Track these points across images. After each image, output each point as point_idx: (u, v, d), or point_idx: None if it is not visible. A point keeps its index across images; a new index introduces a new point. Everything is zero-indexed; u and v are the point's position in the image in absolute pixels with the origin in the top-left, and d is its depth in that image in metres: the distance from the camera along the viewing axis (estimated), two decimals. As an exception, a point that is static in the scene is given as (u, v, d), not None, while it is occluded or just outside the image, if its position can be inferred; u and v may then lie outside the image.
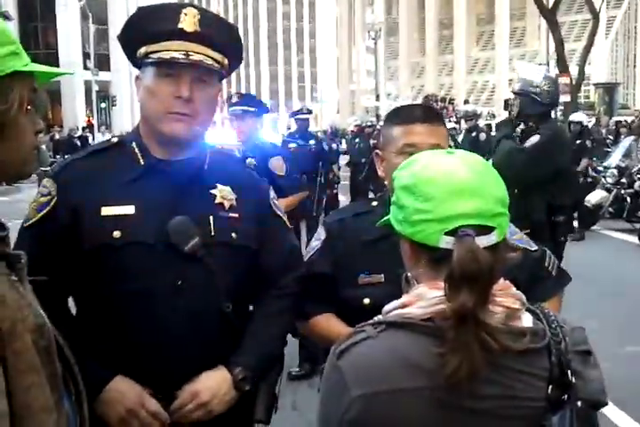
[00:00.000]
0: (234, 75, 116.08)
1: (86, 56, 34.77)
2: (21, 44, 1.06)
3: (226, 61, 1.62)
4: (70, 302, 1.67)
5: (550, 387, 1.02)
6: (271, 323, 1.72)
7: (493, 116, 25.37)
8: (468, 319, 0.97)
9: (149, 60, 1.57)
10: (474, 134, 11.14)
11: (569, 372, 1.03)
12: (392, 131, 1.78)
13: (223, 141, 12.19)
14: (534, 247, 1.88)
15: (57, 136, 21.80)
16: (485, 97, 56.44)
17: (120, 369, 1.55)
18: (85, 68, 33.74)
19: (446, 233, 1.02)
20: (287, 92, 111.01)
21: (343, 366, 1.05)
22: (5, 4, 27.24)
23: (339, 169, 10.76)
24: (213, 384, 1.58)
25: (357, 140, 12.40)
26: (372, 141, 11.68)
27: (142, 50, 1.58)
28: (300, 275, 1.80)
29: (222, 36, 1.61)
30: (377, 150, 1.88)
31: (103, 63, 34.53)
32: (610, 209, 10.07)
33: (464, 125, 12.17)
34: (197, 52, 1.54)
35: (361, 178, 11.23)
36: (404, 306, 1.06)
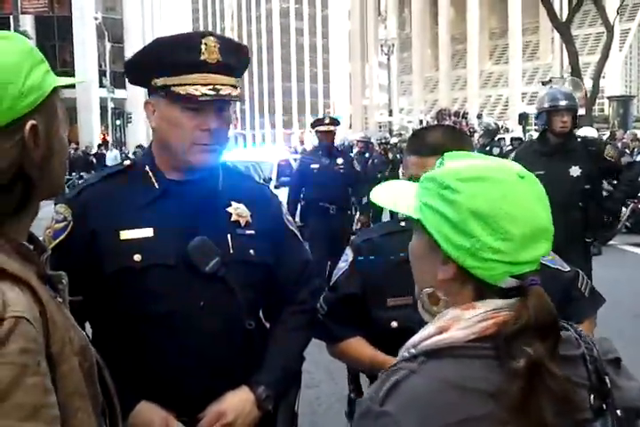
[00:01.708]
0: (247, 90, 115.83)
1: (102, 74, 35.15)
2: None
3: (239, 83, 1.62)
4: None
5: (592, 396, 0.98)
6: (290, 340, 1.73)
7: (507, 130, 25.30)
8: (542, 371, 0.91)
9: (172, 93, 1.55)
10: (487, 148, 11.07)
11: (606, 379, 0.99)
12: (408, 159, 1.81)
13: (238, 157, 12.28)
14: (567, 268, 1.87)
15: (72, 153, 21.99)
16: (499, 111, 56.38)
17: (143, 393, 1.55)
18: (101, 85, 34.14)
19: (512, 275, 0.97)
20: (300, 107, 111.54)
21: (394, 412, 0.92)
22: (23, 24, 27.62)
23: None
24: (238, 404, 1.58)
25: (367, 155, 12.29)
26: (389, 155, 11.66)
27: (160, 81, 1.57)
28: (315, 289, 1.82)
29: (240, 61, 1.63)
30: (401, 170, 1.92)
31: (119, 81, 34.84)
32: (627, 223, 10.00)
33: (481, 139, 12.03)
34: (223, 84, 1.55)
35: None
36: (440, 332, 0.98)
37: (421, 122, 33.60)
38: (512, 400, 0.89)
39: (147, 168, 1.66)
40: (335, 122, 6.82)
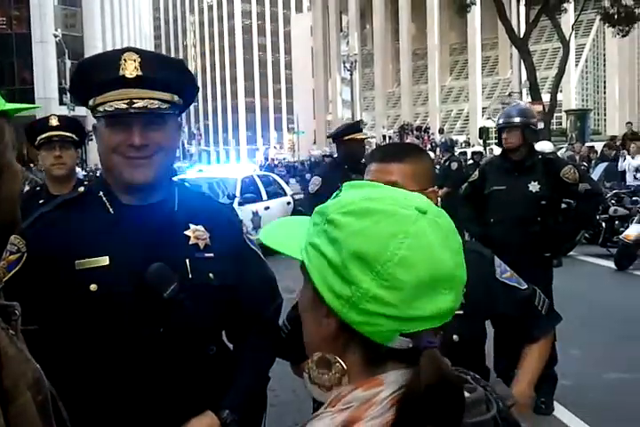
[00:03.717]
0: (210, 107, 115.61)
1: (62, 91, 34.81)
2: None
3: (176, 98, 1.58)
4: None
5: None
6: (254, 362, 1.71)
7: (468, 144, 25.68)
8: None
9: (98, 112, 1.54)
10: (446, 164, 11.25)
11: None
12: (368, 169, 1.85)
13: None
14: (524, 286, 1.89)
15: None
16: (460, 125, 57.17)
17: (106, 420, 1.53)
18: (62, 103, 33.76)
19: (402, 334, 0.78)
20: (264, 123, 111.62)
21: None
22: (-20, 41, 27.24)
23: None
24: None
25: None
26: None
27: (91, 102, 1.56)
28: (279, 307, 1.80)
29: (168, 75, 1.56)
30: None
31: (79, 98, 34.42)
32: (586, 235, 10.19)
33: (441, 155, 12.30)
34: (142, 98, 1.51)
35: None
36: (350, 423, 0.76)
37: (384, 137, 33.89)
38: None
39: (101, 194, 1.63)
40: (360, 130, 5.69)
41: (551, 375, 4.16)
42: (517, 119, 4.23)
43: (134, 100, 1.51)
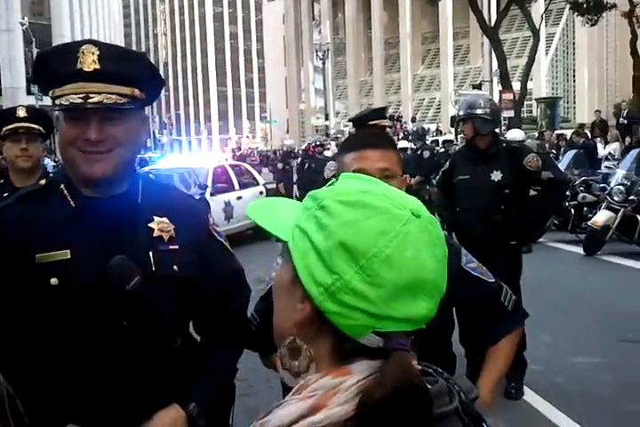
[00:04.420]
0: (181, 96, 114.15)
1: (30, 81, 34.19)
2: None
3: (137, 92, 1.55)
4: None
5: None
6: (221, 354, 1.71)
7: (440, 132, 25.81)
8: None
9: (56, 105, 1.52)
10: (419, 152, 11.31)
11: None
12: (344, 158, 1.81)
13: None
14: (491, 279, 1.87)
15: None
16: (432, 114, 57.39)
17: (71, 415, 1.51)
18: (29, 93, 33.20)
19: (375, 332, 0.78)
20: (236, 112, 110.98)
21: None
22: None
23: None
24: (169, 423, 1.55)
25: (307, 160, 12.42)
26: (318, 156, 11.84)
27: (50, 93, 1.54)
28: (246, 299, 1.79)
29: (128, 68, 1.54)
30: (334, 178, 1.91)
31: (48, 87, 33.92)
32: (555, 221, 10.33)
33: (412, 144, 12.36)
34: (99, 92, 1.49)
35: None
36: (314, 410, 0.76)
37: (357, 125, 33.87)
38: None
39: (62, 186, 1.61)
40: (384, 114, 4.89)
41: (521, 361, 4.22)
42: (469, 111, 4.33)
43: (90, 95, 1.48)
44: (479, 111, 4.30)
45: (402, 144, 12.46)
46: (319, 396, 0.77)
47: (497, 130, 4.76)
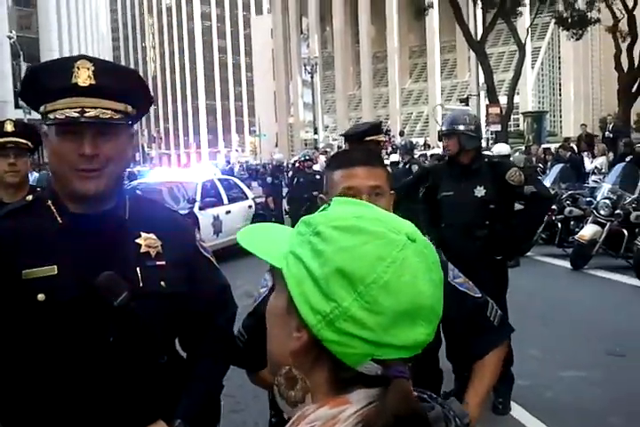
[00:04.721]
0: (170, 110, 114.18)
1: (18, 94, 34.12)
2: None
3: (130, 108, 1.57)
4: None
5: None
6: (207, 370, 1.70)
7: (429, 146, 25.93)
8: None
9: (49, 120, 1.52)
10: (407, 166, 11.35)
11: None
12: (333, 175, 1.81)
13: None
14: (478, 294, 1.88)
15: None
16: (420, 128, 57.72)
17: None
18: (17, 106, 33.12)
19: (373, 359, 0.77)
20: (225, 126, 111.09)
21: None
22: None
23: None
24: None
25: (296, 175, 12.42)
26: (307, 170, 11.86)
27: (42, 109, 1.54)
28: (233, 314, 1.79)
29: (122, 85, 1.55)
30: (321, 195, 1.91)
31: (36, 101, 33.84)
32: (542, 235, 10.38)
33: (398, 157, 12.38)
34: (94, 107, 1.50)
35: (303, 213, 11.25)
36: None
37: (346, 139, 33.97)
38: None
39: (49, 202, 1.61)
40: (380, 129, 4.76)
41: (508, 376, 4.22)
42: (454, 127, 4.31)
43: (86, 109, 1.49)
44: (463, 127, 4.30)
45: (393, 158, 12.48)
46: (316, 425, 0.75)
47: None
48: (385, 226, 0.79)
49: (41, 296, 1.50)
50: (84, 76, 1.50)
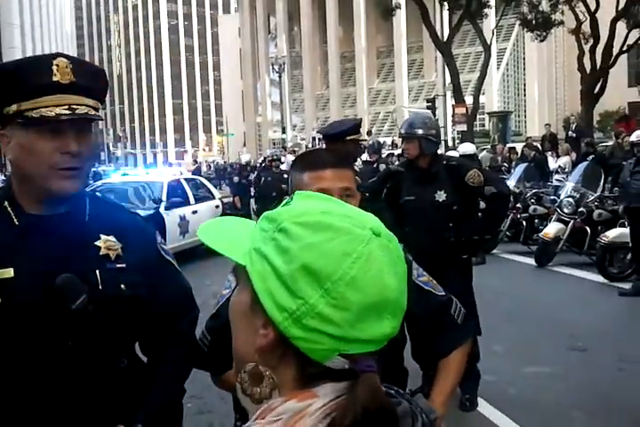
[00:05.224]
0: (136, 109, 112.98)
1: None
2: None
3: (99, 105, 1.57)
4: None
5: None
6: (169, 374, 1.69)
7: (396, 145, 26.07)
8: None
9: (27, 118, 1.48)
10: (375, 165, 11.40)
11: None
12: (302, 177, 1.78)
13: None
14: (441, 292, 1.89)
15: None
16: (387, 127, 57.98)
17: None
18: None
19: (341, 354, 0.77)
20: (192, 125, 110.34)
21: None
22: None
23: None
24: None
25: (263, 174, 12.43)
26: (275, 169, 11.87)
27: (12, 108, 1.50)
28: (195, 318, 1.77)
29: (95, 82, 1.56)
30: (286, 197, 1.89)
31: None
32: (508, 233, 10.52)
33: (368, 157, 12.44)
34: (79, 104, 1.49)
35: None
36: None
37: (314, 139, 34.03)
38: None
39: (5, 204, 1.58)
40: (357, 129, 4.32)
41: (474, 372, 4.27)
42: (414, 130, 4.28)
43: (73, 106, 1.48)
44: (422, 131, 4.27)
45: (365, 157, 12.52)
46: (285, 420, 0.75)
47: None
48: (350, 221, 0.79)
49: None
50: (64, 74, 1.49)
